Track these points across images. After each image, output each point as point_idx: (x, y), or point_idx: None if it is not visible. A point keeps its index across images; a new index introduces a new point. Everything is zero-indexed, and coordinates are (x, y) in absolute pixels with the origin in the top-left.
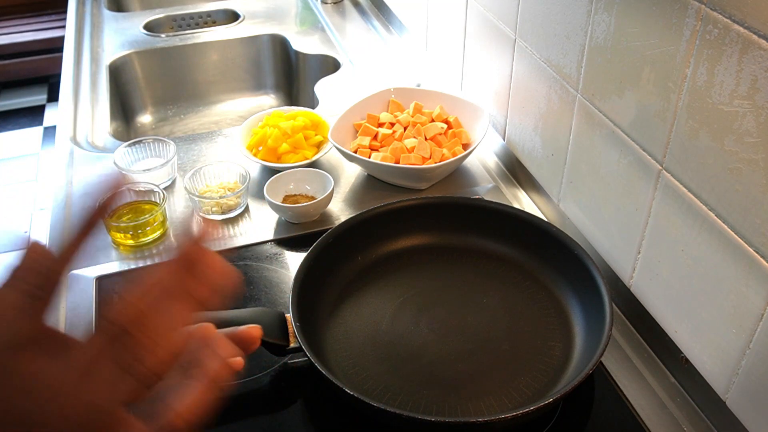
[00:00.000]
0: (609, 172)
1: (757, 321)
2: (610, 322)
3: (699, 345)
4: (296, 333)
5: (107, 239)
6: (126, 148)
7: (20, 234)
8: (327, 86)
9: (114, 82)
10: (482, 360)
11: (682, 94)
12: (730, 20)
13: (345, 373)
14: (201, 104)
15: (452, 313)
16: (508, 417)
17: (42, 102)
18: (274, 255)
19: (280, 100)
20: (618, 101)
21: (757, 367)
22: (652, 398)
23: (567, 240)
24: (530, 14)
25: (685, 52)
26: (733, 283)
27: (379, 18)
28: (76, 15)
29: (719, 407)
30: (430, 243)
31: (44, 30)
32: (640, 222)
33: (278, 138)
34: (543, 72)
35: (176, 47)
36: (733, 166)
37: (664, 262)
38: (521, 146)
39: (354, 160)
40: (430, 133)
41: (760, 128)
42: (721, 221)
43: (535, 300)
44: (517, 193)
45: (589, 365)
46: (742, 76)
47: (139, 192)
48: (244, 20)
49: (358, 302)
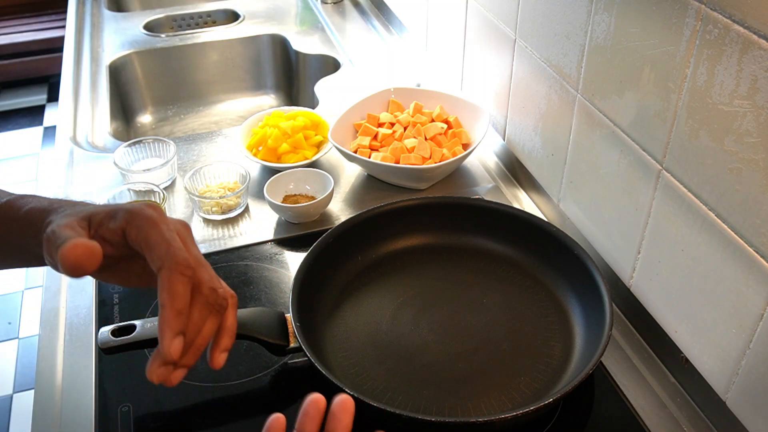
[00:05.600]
0: (609, 172)
1: (757, 321)
2: (610, 322)
3: (699, 345)
4: (296, 333)
5: None
6: (126, 148)
7: None
8: (327, 86)
9: (114, 82)
10: (482, 360)
11: (682, 94)
12: (730, 20)
13: (345, 373)
14: (201, 104)
15: (452, 313)
16: (508, 417)
17: (42, 102)
18: (274, 255)
19: (280, 100)
20: (618, 101)
21: (757, 367)
22: (652, 398)
23: (567, 240)
24: (530, 14)
25: (685, 52)
26: (733, 283)
27: (379, 18)
28: (76, 15)
29: (719, 407)
30: (430, 243)
31: (44, 30)
32: (640, 222)
33: (278, 138)
34: (543, 72)
35: (176, 47)
36: (733, 166)
37: (664, 262)
38: (521, 146)
39: (354, 160)
40: (430, 133)
41: (760, 128)
42: (721, 221)
43: (535, 300)
44: (517, 193)
45: (589, 365)
46: (742, 76)
47: (139, 192)
48: (244, 20)
49: (358, 302)
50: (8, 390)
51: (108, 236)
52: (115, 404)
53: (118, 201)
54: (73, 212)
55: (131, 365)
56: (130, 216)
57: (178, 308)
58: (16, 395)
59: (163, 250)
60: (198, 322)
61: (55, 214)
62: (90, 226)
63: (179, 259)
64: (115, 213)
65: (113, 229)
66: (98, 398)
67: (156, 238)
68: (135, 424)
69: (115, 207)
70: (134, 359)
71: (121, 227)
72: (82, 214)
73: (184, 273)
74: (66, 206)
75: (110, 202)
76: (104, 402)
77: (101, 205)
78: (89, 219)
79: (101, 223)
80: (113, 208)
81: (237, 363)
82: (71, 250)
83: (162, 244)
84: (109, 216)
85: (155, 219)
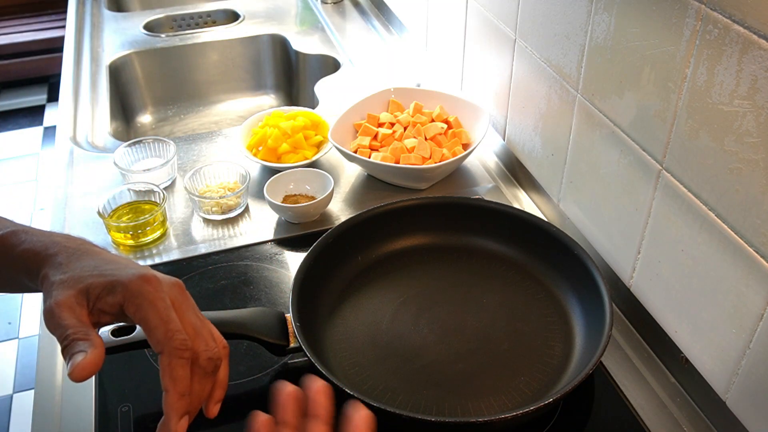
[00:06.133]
0: (609, 172)
1: (757, 321)
2: (610, 322)
3: (699, 345)
4: (296, 333)
5: (107, 239)
6: (126, 148)
7: None
8: (327, 86)
9: (114, 82)
10: (482, 360)
11: (682, 94)
12: (730, 20)
13: (345, 373)
14: (201, 104)
15: (452, 313)
16: (508, 417)
17: (42, 102)
18: (274, 255)
19: (280, 100)
20: (618, 101)
21: (757, 367)
22: (652, 398)
23: (567, 240)
24: (530, 14)
25: (685, 52)
26: (733, 283)
27: (379, 18)
28: (76, 15)
29: (719, 407)
30: (430, 243)
31: (44, 30)
32: (640, 222)
33: (278, 138)
34: (543, 72)
35: (176, 47)
36: (733, 166)
37: (664, 262)
38: (521, 146)
39: (354, 160)
40: (430, 133)
41: (760, 128)
42: (721, 221)
43: (535, 300)
44: (517, 193)
45: (589, 365)
46: (742, 76)
47: (139, 192)
48: (244, 20)
49: (358, 302)
50: (8, 390)
51: (106, 309)
52: (115, 404)
53: (118, 201)
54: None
55: (131, 365)
56: (128, 293)
57: (180, 392)
58: (16, 395)
59: (162, 333)
60: (199, 393)
61: (50, 266)
62: (88, 300)
63: (177, 344)
64: (113, 287)
65: (112, 303)
66: (98, 398)
67: (154, 321)
68: (135, 424)
69: (112, 279)
70: (134, 359)
71: (119, 303)
72: (80, 287)
73: (183, 356)
74: (60, 253)
75: (110, 202)
76: (104, 402)
77: (97, 273)
78: (87, 292)
79: (99, 297)
80: (110, 280)
81: (237, 363)
82: (80, 372)
83: (160, 327)
84: (106, 290)
85: (151, 297)
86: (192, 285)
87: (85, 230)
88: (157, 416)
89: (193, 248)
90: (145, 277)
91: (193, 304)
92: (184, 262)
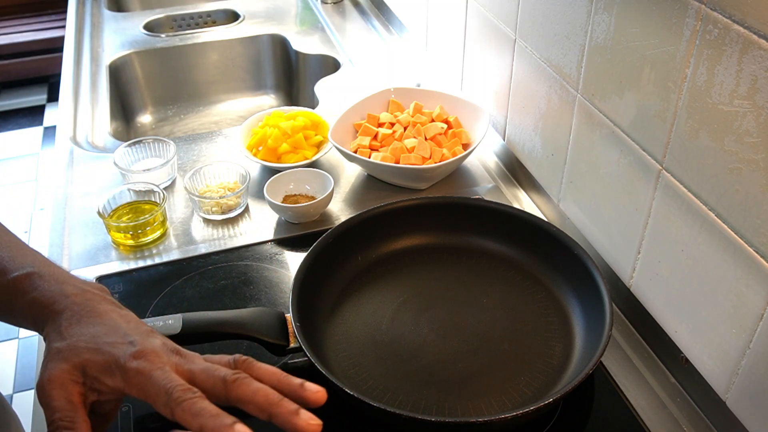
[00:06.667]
0: (609, 172)
1: (757, 321)
2: (610, 322)
3: (699, 345)
4: (296, 333)
5: (107, 239)
6: (126, 148)
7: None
8: (327, 86)
9: (114, 82)
10: (482, 360)
11: (682, 94)
12: (730, 20)
13: (345, 373)
14: (201, 104)
15: (452, 313)
16: (508, 417)
17: (42, 102)
18: (274, 255)
19: (280, 100)
20: (618, 101)
21: (757, 367)
22: (652, 398)
23: (567, 240)
24: (530, 14)
25: (685, 52)
26: (733, 283)
27: (379, 18)
28: (76, 15)
29: (719, 407)
30: (430, 243)
31: (44, 30)
32: (640, 222)
33: (278, 138)
34: (543, 72)
35: (176, 47)
36: (733, 166)
37: (664, 262)
38: (521, 146)
39: (354, 160)
40: (430, 133)
41: (760, 128)
42: (721, 221)
43: (535, 300)
44: (517, 193)
45: (589, 365)
46: (742, 76)
47: (139, 192)
48: (244, 20)
49: (358, 302)
50: (8, 390)
51: (105, 390)
52: None
53: (118, 201)
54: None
55: None
56: (127, 376)
57: (211, 413)
58: (16, 395)
59: (163, 398)
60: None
61: (52, 326)
62: (84, 377)
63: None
64: (111, 370)
65: (112, 387)
66: None
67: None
68: (135, 424)
69: (109, 358)
70: None
71: (119, 388)
72: (75, 361)
73: (190, 398)
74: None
75: (110, 201)
76: None
77: (93, 345)
78: (83, 369)
79: (96, 378)
80: (107, 360)
81: None
82: None
83: (162, 396)
84: (104, 371)
85: (148, 371)
86: (192, 285)
87: (85, 230)
88: (157, 416)
89: (193, 248)
90: (143, 352)
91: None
92: (184, 262)
